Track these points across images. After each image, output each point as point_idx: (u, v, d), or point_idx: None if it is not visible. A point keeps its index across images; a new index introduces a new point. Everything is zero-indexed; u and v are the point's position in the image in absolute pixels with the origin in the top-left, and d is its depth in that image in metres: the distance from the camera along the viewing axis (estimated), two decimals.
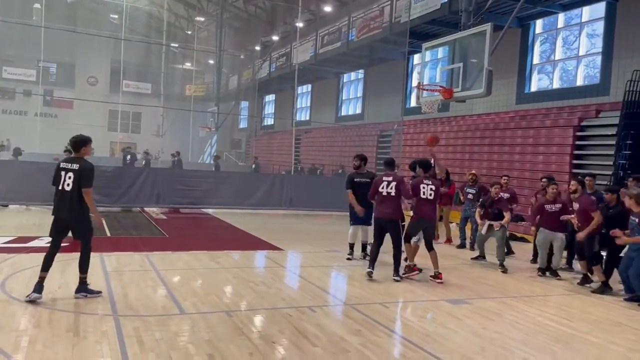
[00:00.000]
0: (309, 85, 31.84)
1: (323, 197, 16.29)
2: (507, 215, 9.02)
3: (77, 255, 7.96)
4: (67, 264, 7.40)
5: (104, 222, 11.99)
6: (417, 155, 19.23)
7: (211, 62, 37.46)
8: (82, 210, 5.85)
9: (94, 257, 7.91)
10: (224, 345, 4.60)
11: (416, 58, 22.07)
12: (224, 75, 36.78)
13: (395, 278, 7.53)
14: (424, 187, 7.66)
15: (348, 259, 8.96)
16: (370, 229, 8.48)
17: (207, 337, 4.78)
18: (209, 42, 35.86)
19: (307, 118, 31.71)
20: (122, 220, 12.53)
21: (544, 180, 9.70)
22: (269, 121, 38.97)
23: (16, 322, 4.90)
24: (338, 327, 5.35)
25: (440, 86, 12.17)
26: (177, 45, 36.47)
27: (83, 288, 5.87)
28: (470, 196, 10.77)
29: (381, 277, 7.89)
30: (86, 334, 4.69)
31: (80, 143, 5.93)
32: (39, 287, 5.61)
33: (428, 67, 18.84)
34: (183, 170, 18.00)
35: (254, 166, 26.57)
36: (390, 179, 7.62)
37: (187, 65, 38.25)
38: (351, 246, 9.14)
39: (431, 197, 7.67)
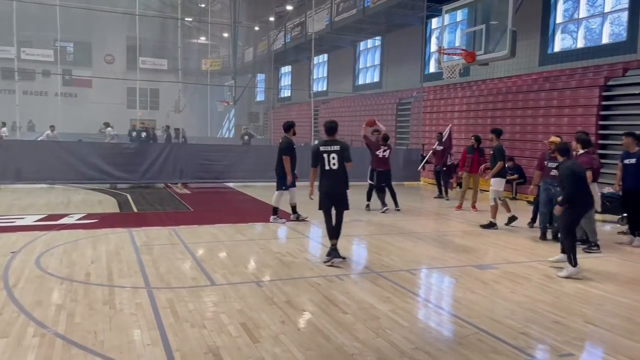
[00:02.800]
0: (325, 55, 31.46)
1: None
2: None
3: (105, 232, 8.16)
4: (97, 239, 7.57)
5: (129, 198, 12.20)
6: (438, 122, 19.03)
7: (226, 35, 37.15)
8: (347, 185, 6.84)
9: (123, 232, 8.10)
10: (256, 314, 4.68)
11: (434, 22, 21.59)
12: (239, 48, 36.51)
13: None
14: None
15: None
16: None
17: (239, 307, 4.86)
18: (223, 14, 35.51)
19: (325, 88, 31.45)
20: (148, 196, 12.71)
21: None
22: (286, 93, 38.76)
23: (54, 296, 5.04)
24: (367, 295, 5.40)
25: (462, 49, 11.89)
26: (191, 19, 36.19)
27: (336, 254, 6.61)
28: (554, 172, 7.94)
29: (408, 245, 7.91)
30: (122, 306, 4.81)
31: (334, 129, 7.01)
32: (335, 253, 6.60)
33: (447, 31, 18.42)
34: (205, 145, 18.05)
35: (246, 137, 25.33)
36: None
37: (202, 39, 38.02)
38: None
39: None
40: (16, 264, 6.14)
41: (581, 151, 7.83)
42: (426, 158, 15.50)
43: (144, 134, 21.90)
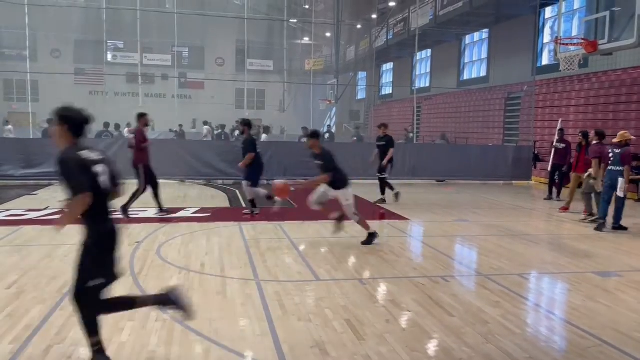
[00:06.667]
0: (429, 50, 30.76)
1: (447, 165, 15.84)
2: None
3: (217, 225, 8.60)
4: (210, 232, 8.03)
5: (238, 193, 12.79)
6: (551, 118, 17.84)
7: (328, 34, 37.67)
8: None
9: (234, 226, 8.49)
10: (360, 312, 4.69)
11: (547, 11, 20.24)
12: (342, 46, 36.82)
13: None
14: None
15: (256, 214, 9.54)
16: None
17: (343, 303, 4.90)
18: (326, 14, 36.04)
19: (427, 84, 30.76)
20: None
21: None
22: (387, 90, 38.48)
23: (173, 284, 5.41)
24: (474, 298, 5.19)
25: (582, 39, 11.01)
26: (296, 20, 37.17)
27: None
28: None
29: (519, 248, 7.50)
30: (233, 296, 5.05)
31: None
32: None
33: (562, 19, 17.18)
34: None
35: (355, 138, 24.55)
36: None
37: (306, 40, 38.88)
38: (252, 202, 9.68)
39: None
40: (140, 253, 6.69)
41: (595, 141, 9.40)
42: (552, 157, 13.94)
43: (237, 132, 22.84)
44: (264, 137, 19.92)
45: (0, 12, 24.33)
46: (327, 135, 22.63)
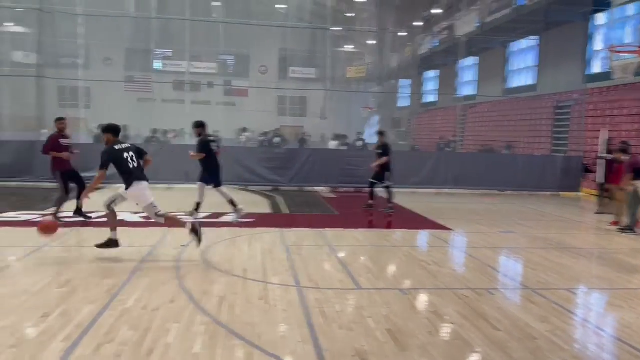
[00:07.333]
0: (476, 58, 30.26)
1: (491, 175, 15.51)
2: None
3: (260, 230, 8.70)
4: (252, 237, 8.13)
5: (281, 200, 12.91)
6: (603, 127, 17.21)
7: (371, 42, 37.66)
8: None
9: (276, 232, 8.58)
10: (402, 322, 4.64)
11: (599, 18, 19.59)
12: (385, 54, 36.71)
13: None
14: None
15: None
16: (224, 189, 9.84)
17: (385, 313, 4.87)
18: (370, 22, 36.05)
19: (474, 92, 30.25)
20: (296, 198, 13.34)
21: None
22: (431, 98, 38.05)
23: (217, 288, 5.52)
24: (521, 312, 5.05)
25: (638, 46, 10.61)
26: (339, 28, 37.32)
27: None
28: None
29: (567, 261, 7.26)
30: (275, 302, 5.10)
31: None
32: None
33: (615, 26, 16.60)
34: (348, 151, 18.47)
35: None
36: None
37: (349, 47, 38.99)
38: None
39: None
40: (185, 256, 6.84)
41: (623, 157, 9.92)
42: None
43: (276, 139, 23.07)
44: (334, 143, 19.95)
45: (57, 23, 25.52)
46: (359, 143, 22.35)
